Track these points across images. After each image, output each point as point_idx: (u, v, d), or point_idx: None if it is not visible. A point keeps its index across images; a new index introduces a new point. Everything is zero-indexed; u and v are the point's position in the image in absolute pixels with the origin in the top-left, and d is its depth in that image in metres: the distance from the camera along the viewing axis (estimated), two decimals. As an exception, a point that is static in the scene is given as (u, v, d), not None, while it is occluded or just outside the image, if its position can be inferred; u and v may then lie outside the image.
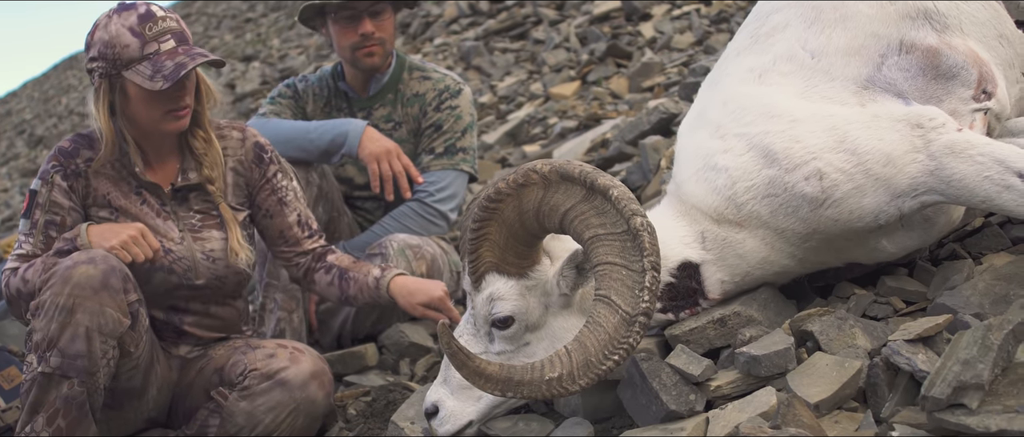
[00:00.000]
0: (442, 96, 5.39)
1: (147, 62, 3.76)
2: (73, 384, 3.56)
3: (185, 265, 4.03)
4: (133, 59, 3.76)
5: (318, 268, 4.37)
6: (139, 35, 3.77)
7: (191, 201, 4.12)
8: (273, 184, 4.29)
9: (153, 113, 3.88)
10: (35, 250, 3.88)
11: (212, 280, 4.10)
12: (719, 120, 3.35)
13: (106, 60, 3.79)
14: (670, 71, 8.46)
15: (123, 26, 3.77)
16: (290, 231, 4.33)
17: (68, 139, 4.04)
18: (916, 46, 3.24)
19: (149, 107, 3.86)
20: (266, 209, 4.29)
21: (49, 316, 3.54)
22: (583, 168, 3.00)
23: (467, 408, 3.32)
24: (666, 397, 2.99)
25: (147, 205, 4.04)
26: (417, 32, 14.97)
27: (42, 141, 26.95)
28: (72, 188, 3.93)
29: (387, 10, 5.33)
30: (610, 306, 2.90)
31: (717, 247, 3.30)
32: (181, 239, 4.05)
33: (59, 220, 3.90)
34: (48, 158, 3.98)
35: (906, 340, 2.77)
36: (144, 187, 4.04)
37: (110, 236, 3.74)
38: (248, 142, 4.28)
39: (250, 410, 3.93)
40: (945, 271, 3.23)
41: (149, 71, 3.75)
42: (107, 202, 3.98)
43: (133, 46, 3.76)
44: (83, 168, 3.96)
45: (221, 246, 4.11)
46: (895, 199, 3.07)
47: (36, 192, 3.92)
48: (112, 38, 3.77)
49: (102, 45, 3.79)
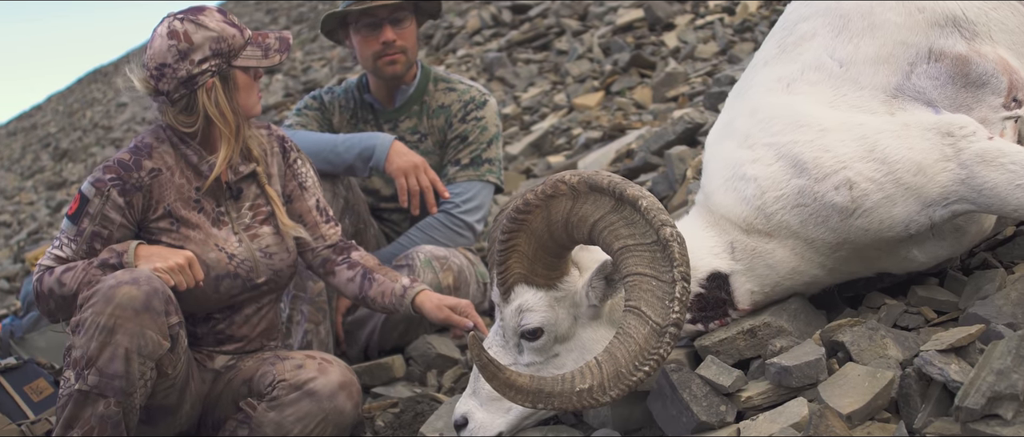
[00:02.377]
0: (467, 107, 5.40)
1: (251, 46, 3.99)
2: (109, 403, 3.56)
3: (247, 266, 4.07)
4: (240, 46, 3.95)
5: (340, 262, 4.36)
6: (234, 25, 3.97)
7: (243, 196, 4.16)
8: (294, 169, 4.35)
9: (251, 98, 4.05)
10: (75, 256, 3.87)
11: (271, 276, 4.15)
12: (747, 130, 3.34)
13: (220, 56, 3.89)
14: (694, 81, 8.45)
15: (220, 21, 3.93)
16: (309, 215, 4.35)
17: (127, 150, 4.02)
18: (945, 54, 3.23)
19: (249, 93, 4.03)
20: (288, 194, 4.33)
21: (89, 334, 3.54)
22: (612, 179, 2.99)
23: (496, 420, 3.32)
24: (697, 408, 2.98)
25: (204, 213, 4.05)
26: (440, 43, 14.98)
27: (67, 154, 27.07)
28: (129, 203, 3.90)
29: (409, 19, 5.35)
30: (640, 317, 2.90)
31: (747, 257, 3.29)
32: (239, 241, 4.08)
33: (106, 234, 3.88)
34: (104, 167, 3.94)
35: (938, 350, 2.75)
36: (202, 196, 4.06)
37: (157, 259, 3.74)
38: (273, 135, 4.36)
39: (279, 420, 3.93)
40: (976, 281, 3.20)
41: (259, 52, 4.00)
42: (169, 212, 3.99)
43: (237, 35, 3.95)
44: (147, 181, 3.95)
45: (274, 240, 4.16)
46: (926, 208, 3.06)
47: (88, 200, 3.87)
48: (219, 33, 3.89)
49: (213, 42, 3.88)
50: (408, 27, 5.34)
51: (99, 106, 34.19)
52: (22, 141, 36.55)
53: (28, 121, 43.37)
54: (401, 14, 5.29)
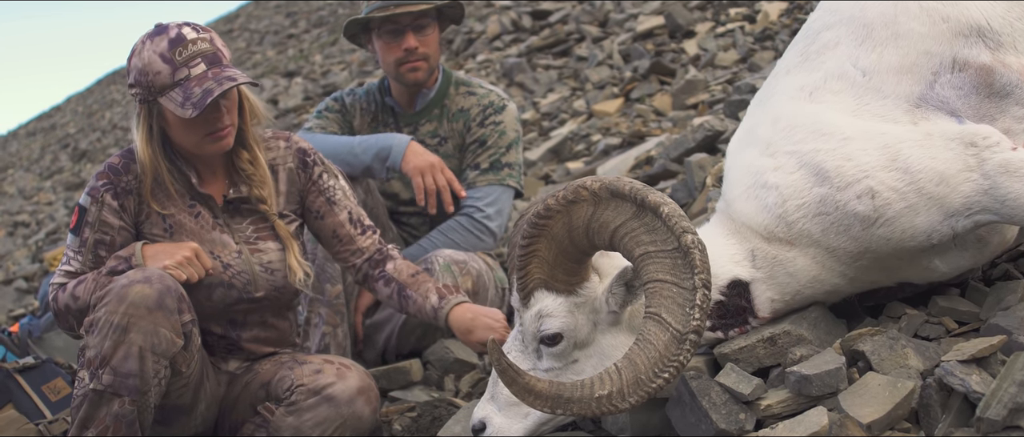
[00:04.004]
0: (486, 111, 5.40)
1: (178, 89, 3.75)
2: (124, 402, 3.57)
3: (244, 278, 4.06)
4: (165, 86, 3.76)
5: (378, 277, 4.35)
6: (169, 61, 3.75)
7: (244, 213, 4.14)
8: (320, 185, 4.30)
9: (192, 138, 3.90)
10: (83, 268, 3.90)
11: (271, 291, 4.13)
12: (769, 138, 3.33)
13: (141, 87, 3.81)
14: (714, 89, 8.44)
15: (154, 53, 3.76)
16: (342, 229, 4.32)
17: (118, 155, 4.04)
18: (969, 64, 3.21)
19: (187, 132, 3.89)
20: (316, 211, 4.30)
21: (103, 334, 3.56)
22: (633, 185, 2.99)
23: (515, 425, 3.31)
24: (716, 416, 2.98)
25: (201, 218, 4.06)
26: (460, 48, 15.00)
27: (86, 155, 27.18)
28: (123, 206, 3.94)
29: (431, 25, 5.33)
30: (660, 324, 2.89)
31: (767, 265, 3.28)
32: (239, 252, 4.07)
33: (108, 240, 3.91)
34: (97, 174, 3.98)
35: (960, 361, 2.75)
36: (198, 200, 4.07)
37: (164, 256, 3.77)
38: (292, 148, 4.29)
39: (297, 425, 3.93)
40: (998, 291, 3.19)
41: (180, 98, 3.74)
42: (161, 218, 4.00)
43: (164, 73, 3.75)
44: (135, 185, 3.97)
45: (278, 256, 4.14)
46: (948, 218, 3.05)
47: (86, 209, 3.92)
48: (145, 66, 3.76)
49: (137, 72, 3.80)
50: (431, 34, 5.32)
51: (118, 107, 34.32)
52: (41, 141, 36.71)
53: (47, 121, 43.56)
54: (424, 21, 5.27)
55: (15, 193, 26.35)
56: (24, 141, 40.49)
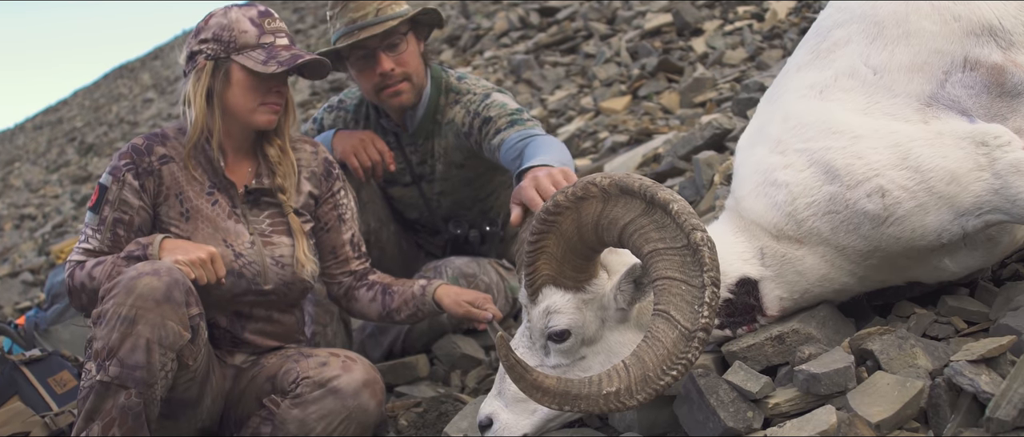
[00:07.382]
0: (477, 108, 4.91)
1: (261, 50, 3.97)
2: (131, 394, 3.56)
3: (255, 270, 4.07)
4: (248, 45, 3.96)
5: (359, 286, 4.44)
6: (258, 26, 3.99)
7: (262, 205, 4.18)
8: (336, 200, 4.38)
9: (250, 103, 4.01)
10: (102, 247, 3.94)
11: (280, 286, 4.14)
12: (779, 135, 3.33)
13: (220, 42, 3.96)
14: (722, 87, 8.42)
15: (243, 16, 3.99)
16: (342, 248, 4.41)
17: (142, 137, 4.11)
18: (981, 63, 3.20)
19: (248, 95, 4.00)
20: (325, 222, 4.36)
21: (110, 325, 3.55)
22: (643, 182, 2.98)
23: (521, 421, 3.31)
24: (723, 414, 2.97)
25: (219, 206, 4.09)
26: (467, 45, 14.99)
27: (92, 148, 27.23)
28: (143, 186, 3.99)
29: (405, 40, 4.86)
30: (669, 321, 2.88)
31: (776, 263, 3.27)
32: (251, 243, 4.10)
33: (128, 219, 3.96)
34: (119, 154, 4.04)
35: (969, 361, 2.74)
36: (218, 187, 4.11)
37: (180, 253, 3.77)
38: (320, 155, 4.38)
39: (302, 418, 3.93)
40: (1008, 291, 3.19)
41: (263, 57, 3.94)
42: (178, 201, 4.04)
43: (251, 33, 3.97)
44: (157, 166, 4.03)
45: (290, 252, 4.16)
46: (958, 218, 3.04)
47: (106, 188, 3.97)
48: (231, 23, 3.96)
49: (218, 28, 3.97)
50: (406, 50, 4.86)
51: (125, 101, 34.39)
52: (48, 135, 36.79)
53: (54, 115, 43.66)
54: (395, 38, 4.81)
55: (22, 186, 26.43)
56: (31, 134, 40.59)
